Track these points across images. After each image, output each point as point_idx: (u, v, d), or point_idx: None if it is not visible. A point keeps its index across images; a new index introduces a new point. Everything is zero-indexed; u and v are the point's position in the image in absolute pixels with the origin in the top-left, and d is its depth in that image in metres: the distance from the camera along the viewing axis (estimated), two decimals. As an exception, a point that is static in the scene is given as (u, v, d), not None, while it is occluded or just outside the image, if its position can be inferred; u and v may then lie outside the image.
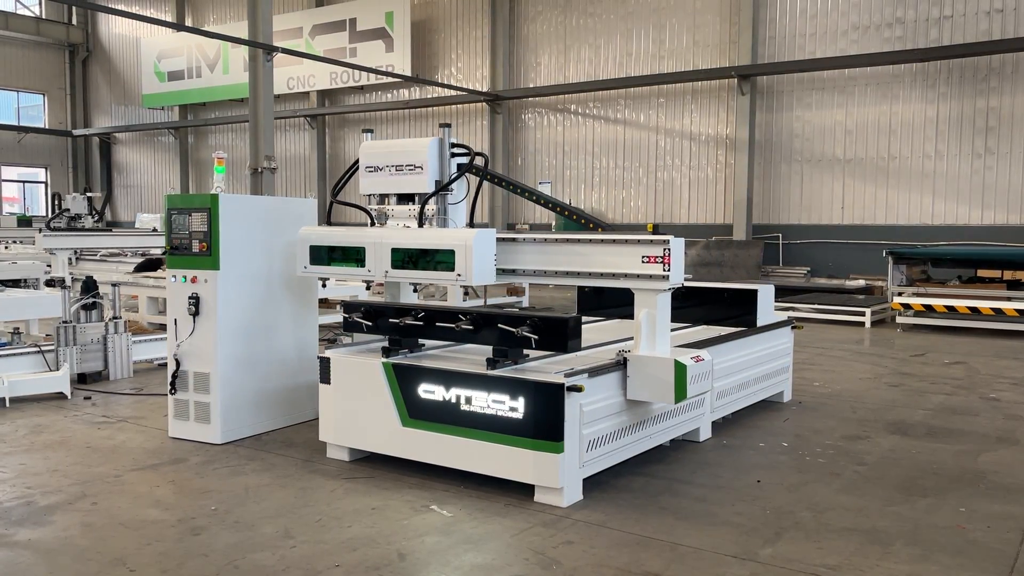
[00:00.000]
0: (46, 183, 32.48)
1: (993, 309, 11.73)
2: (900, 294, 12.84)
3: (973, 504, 4.66)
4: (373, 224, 5.60)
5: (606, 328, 6.78)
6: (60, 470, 5.22)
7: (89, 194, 18.19)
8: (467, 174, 5.62)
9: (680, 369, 4.80)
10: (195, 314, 5.75)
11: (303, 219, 6.40)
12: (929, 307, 12.21)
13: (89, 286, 8.08)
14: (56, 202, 18.86)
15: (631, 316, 7.19)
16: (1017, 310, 11.54)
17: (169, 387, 5.92)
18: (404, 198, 5.52)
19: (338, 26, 24.89)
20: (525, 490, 4.66)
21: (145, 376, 8.21)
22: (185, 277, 5.81)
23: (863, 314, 12.85)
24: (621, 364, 4.94)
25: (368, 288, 13.37)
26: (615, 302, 7.66)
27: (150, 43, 29.79)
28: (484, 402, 4.69)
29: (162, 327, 9.84)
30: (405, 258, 5.11)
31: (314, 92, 25.85)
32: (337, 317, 11.57)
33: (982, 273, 13.62)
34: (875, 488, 4.94)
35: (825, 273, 17.68)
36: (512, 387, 4.60)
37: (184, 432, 5.92)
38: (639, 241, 4.81)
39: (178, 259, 5.86)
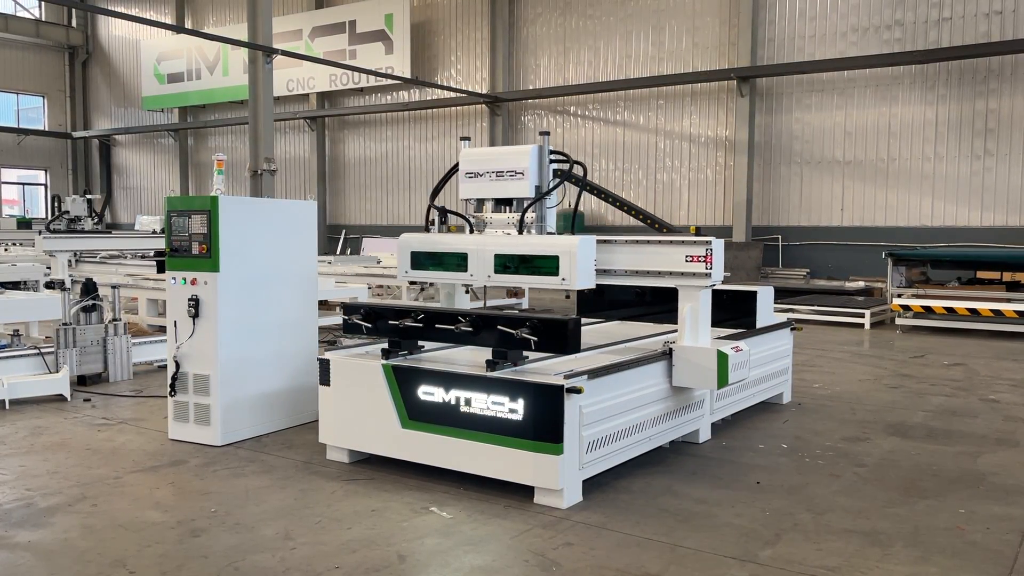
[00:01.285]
0: (46, 185, 32.49)
1: (992, 311, 11.74)
2: (900, 295, 12.85)
3: (973, 506, 4.66)
4: (472, 231, 5.78)
5: (607, 329, 6.78)
6: (60, 472, 5.22)
7: (89, 196, 18.15)
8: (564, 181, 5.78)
9: (722, 358, 5.25)
10: (195, 316, 5.76)
11: (303, 221, 6.41)
12: (928, 309, 12.22)
13: (89, 288, 8.09)
14: (56, 204, 18.83)
15: (631, 317, 7.28)
16: (1016, 311, 11.55)
17: (169, 389, 5.93)
18: (500, 204, 5.71)
19: (338, 28, 24.90)
20: (525, 492, 4.66)
21: (145, 378, 8.22)
22: (185, 279, 5.81)
23: (863, 316, 12.86)
24: (666, 354, 5.39)
25: (369, 289, 13.39)
26: (615, 304, 7.67)
27: (150, 45, 29.80)
28: (484, 404, 4.69)
29: (162, 329, 9.84)
30: (507, 263, 5.32)
31: (314, 94, 25.86)
32: (337, 319, 11.58)
33: (981, 275, 13.63)
34: (875, 490, 4.94)
35: (825, 275, 17.69)
36: (512, 389, 4.60)
37: (184, 434, 5.92)
38: (683, 242, 5.28)
39: (178, 261, 5.86)
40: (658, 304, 7.44)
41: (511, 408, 4.60)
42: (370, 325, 5.30)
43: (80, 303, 7.91)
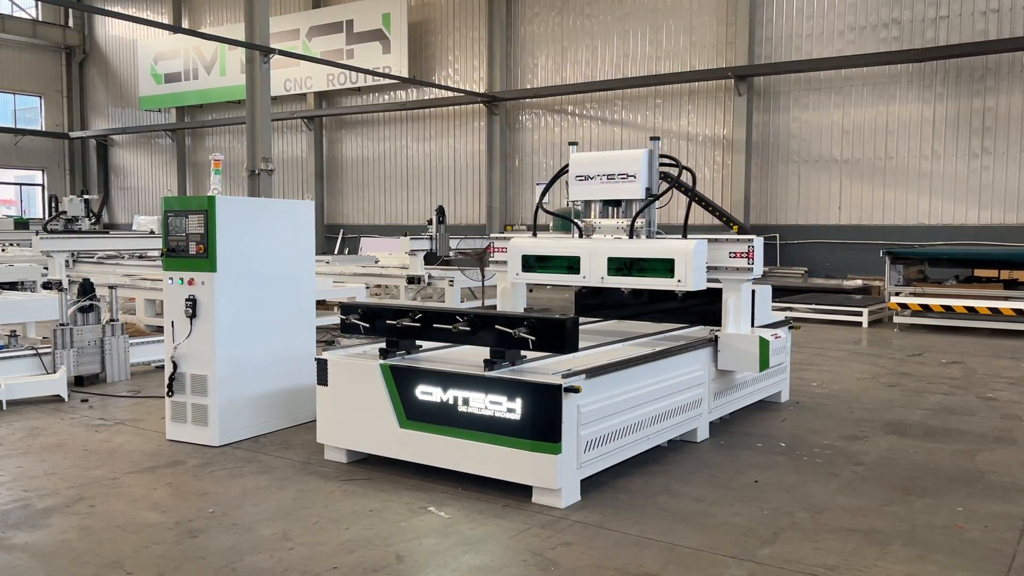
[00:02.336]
0: (43, 185, 32.45)
1: (990, 309, 11.74)
2: (897, 294, 12.86)
3: (971, 504, 4.66)
4: (581, 235, 6.14)
5: (604, 329, 6.78)
6: (57, 473, 5.21)
7: (86, 196, 18.13)
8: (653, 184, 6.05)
9: (764, 344, 5.87)
10: (192, 316, 5.75)
11: (300, 221, 6.40)
12: (926, 307, 12.23)
13: (86, 288, 8.07)
14: (53, 204, 18.80)
15: (628, 317, 7.33)
16: (1014, 310, 11.56)
17: (166, 389, 5.92)
18: (608, 206, 6.04)
19: (335, 28, 24.88)
20: (523, 491, 4.65)
21: (142, 378, 8.21)
22: (182, 279, 5.80)
23: (860, 314, 12.87)
24: (712, 341, 5.95)
25: (367, 289, 13.38)
26: (612, 303, 7.66)
27: (147, 45, 29.77)
28: (482, 403, 4.69)
29: (160, 329, 9.84)
30: (620, 266, 5.70)
31: (311, 94, 25.84)
32: (335, 319, 11.57)
33: (979, 273, 13.64)
34: (873, 488, 4.94)
35: (823, 273, 17.69)
36: (510, 388, 4.60)
37: (181, 434, 5.91)
38: (727, 240, 5.86)
39: (175, 261, 5.85)
40: (654, 304, 7.45)
41: (509, 408, 4.59)
42: (368, 325, 5.29)
43: (77, 303, 7.90)
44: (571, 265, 5.83)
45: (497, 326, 4.74)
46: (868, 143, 17.59)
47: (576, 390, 4.48)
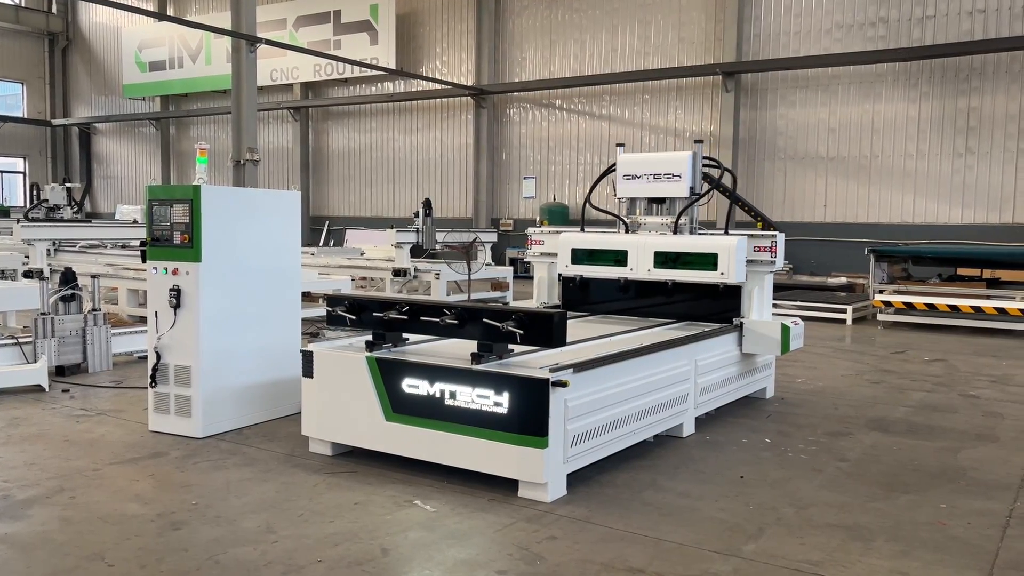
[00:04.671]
0: (24, 173, 32.09)
1: (973, 307, 11.83)
2: (881, 291, 12.93)
3: (954, 500, 4.69)
4: (628, 230, 6.59)
5: (590, 324, 6.77)
6: (38, 464, 5.15)
7: (68, 185, 17.95)
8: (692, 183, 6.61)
9: (785, 330, 6.38)
10: (176, 307, 5.69)
11: (287, 212, 6.35)
12: (910, 305, 12.30)
13: (68, 277, 7.99)
14: (35, 192, 18.61)
15: (615, 312, 7.38)
16: (996, 308, 11.65)
17: (149, 380, 5.86)
18: (652, 203, 6.47)
19: (322, 18, 24.73)
20: (509, 485, 4.64)
21: (125, 369, 8.13)
22: (166, 269, 5.74)
23: (845, 311, 12.94)
24: (737, 327, 6.42)
25: (352, 281, 13.32)
26: (600, 297, 7.65)
27: (131, 33, 29.49)
28: (469, 397, 4.67)
29: (142, 319, 9.75)
30: (665, 259, 6.19)
31: (298, 84, 25.69)
32: (320, 311, 11.51)
33: (962, 271, 13.75)
34: (857, 484, 4.96)
35: (807, 270, 17.78)
36: (497, 382, 4.58)
37: (164, 426, 5.86)
38: (752, 235, 6.43)
39: (159, 251, 5.79)
40: (641, 299, 7.45)
41: (496, 401, 4.57)
42: (354, 317, 5.26)
43: (59, 292, 7.81)
44: (619, 258, 6.30)
45: (485, 319, 4.71)
46: (854, 141, 17.69)
47: (564, 384, 4.47)
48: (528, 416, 4.49)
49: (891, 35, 17.13)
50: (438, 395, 4.78)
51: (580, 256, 6.48)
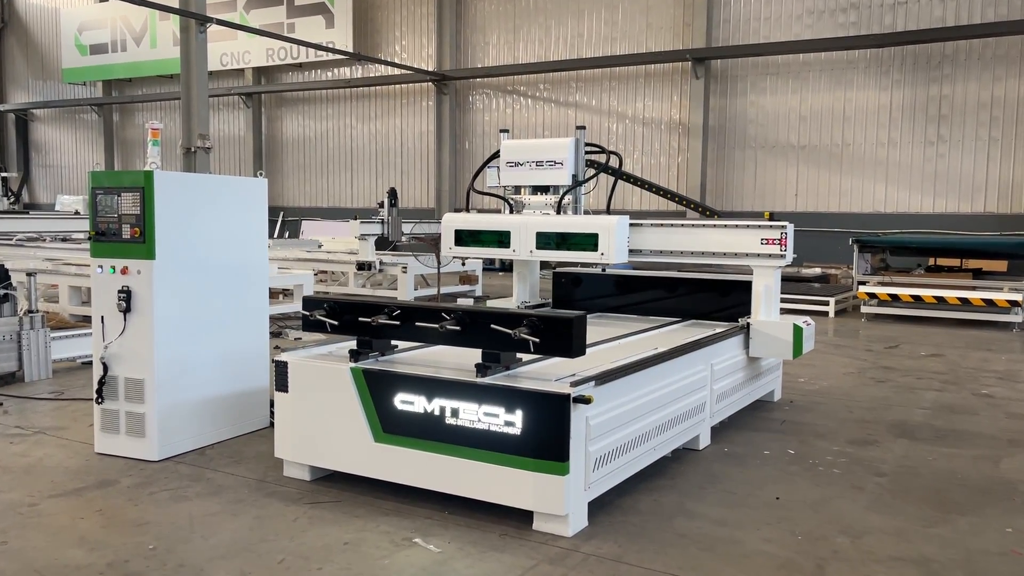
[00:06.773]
0: (-43, 162, 30.38)
1: (959, 299, 11.53)
2: (864, 283, 12.59)
3: (1015, 522, 4.20)
4: (512, 211, 6.31)
5: (589, 325, 6.17)
6: (-38, 498, 4.38)
7: (4, 174, 16.80)
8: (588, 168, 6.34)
9: (797, 331, 5.89)
10: (126, 311, 4.94)
11: (252, 201, 5.62)
12: (895, 296, 11.96)
13: (1, 275, 7.14)
14: (-34, 182, 17.39)
15: (610, 309, 6.89)
16: (983, 299, 11.36)
17: (96, 395, 5.10)
18: (538, 189, 6.24)
19: (274, 0, 23.68)
20: (521, 515, 4.02)
21: (67, 377, 7.31)
22: (114, 268, 4.98)
23: (827, 304, 12.56)
24: (745, 328, 5.96)
25: (315, 274, 12.56)
26: (592, 293, 7.10)
27: (70, 14, 28.01)
28: (474, 415, 4.03)
29: (86, 319, 8.89)
30: (548, 240, 5.88)
31: (249, 69, 24.61)
32: (282, 308, 10.74)
33: (942, 262, 13.48)
34: (904, 504, 4.45)
35: (780, 261, 17.43)
36: (508, 398, 3.94)
37: (114, 447, 5.10)
38: (759, 226, 5.86)
39: (105, 247, 5.02)
40: (637, 295, 6.91)
41: (507, 420, 3.94)
42: (336, 323, 4.57)
43: (-10, 293, 6.96)
44: (501, 240, 6.03)
45: (493, 325, 4.07)
46: (825, 130, 17.38)
47: (587, 401, 3.86)
48: (545, 437, 3.87)
49: (863, 21, 16.83)
50: (437, 412, 4.13)
51: (464, 238, 6.22)
